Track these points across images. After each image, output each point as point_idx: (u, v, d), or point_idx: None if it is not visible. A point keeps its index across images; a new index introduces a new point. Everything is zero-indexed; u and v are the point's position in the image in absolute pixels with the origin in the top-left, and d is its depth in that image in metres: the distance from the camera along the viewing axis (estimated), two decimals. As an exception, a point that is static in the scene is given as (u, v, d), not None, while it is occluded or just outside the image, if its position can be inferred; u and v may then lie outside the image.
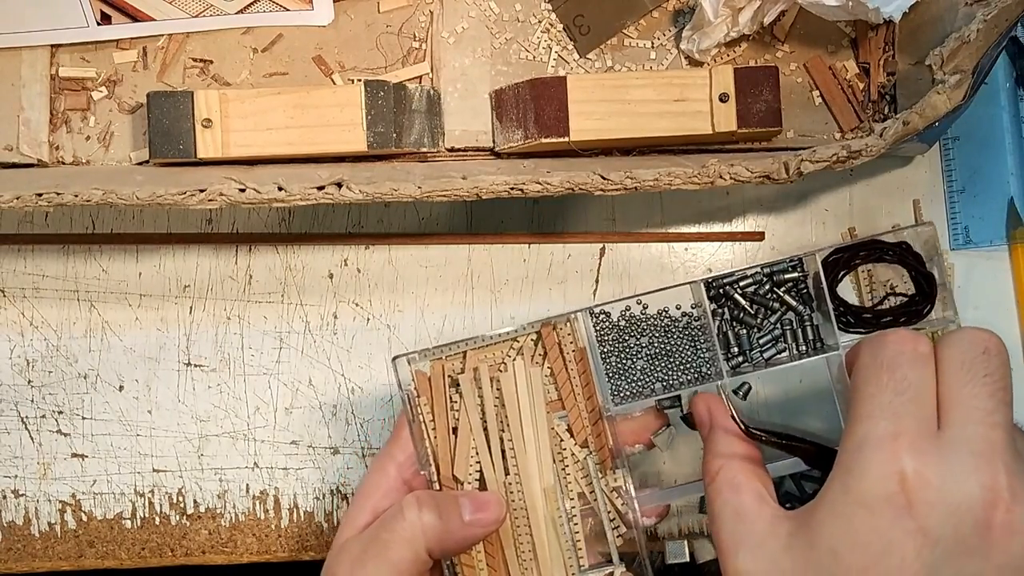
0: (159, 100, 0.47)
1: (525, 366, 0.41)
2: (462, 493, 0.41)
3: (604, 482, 0.41)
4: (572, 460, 0.41)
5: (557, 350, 0.41)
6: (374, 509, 0.41)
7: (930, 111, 0.42)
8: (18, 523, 0.51)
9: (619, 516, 0.42)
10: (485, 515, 0.40)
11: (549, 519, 0.41)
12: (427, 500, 0.40)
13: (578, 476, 0.41)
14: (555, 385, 0.41)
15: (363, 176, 0.44)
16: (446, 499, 0.40)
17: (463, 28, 0.51)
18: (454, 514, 0.40)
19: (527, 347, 0.42)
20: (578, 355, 0.41)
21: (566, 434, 0.41)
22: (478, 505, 0.40)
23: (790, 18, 0.51)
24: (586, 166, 0.45)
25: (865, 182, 0.53)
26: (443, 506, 0.40)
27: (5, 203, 0.41)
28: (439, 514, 0.40)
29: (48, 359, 0.51)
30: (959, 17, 0.46)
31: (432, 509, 0.40)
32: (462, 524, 0.40)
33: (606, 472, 0.41)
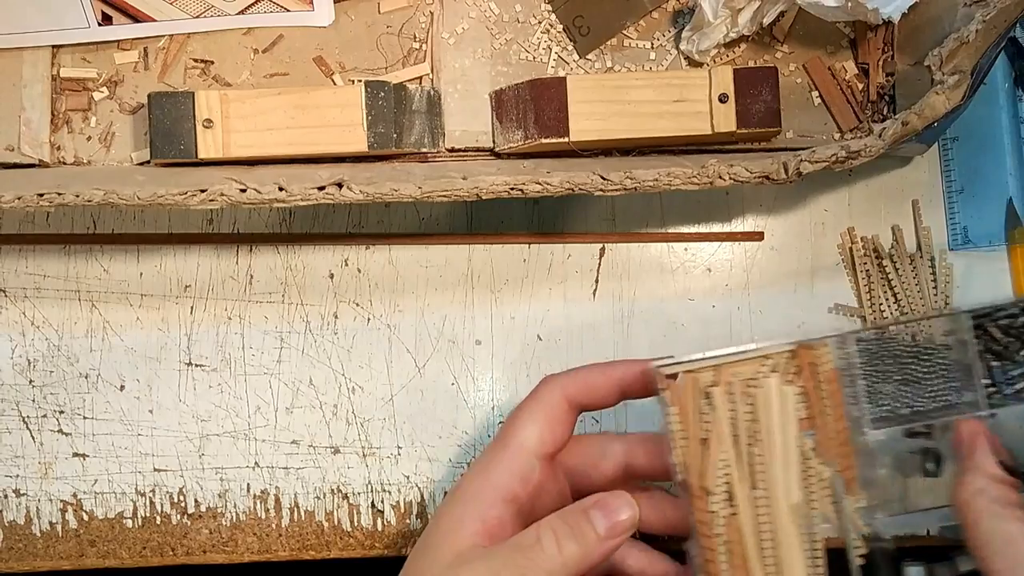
0: (160, 100, 0.47)
1: (779, 384, 0.41)
2: (591, 503, 0.39)
3: (849, 502, 0.41)
4: (818, 479, 0.41)
5: (811, 370, 0.41)
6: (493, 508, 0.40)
7: (929, 111, 0.42)
8: (19, 522, 0.51)
9: (863, 538, 0.41)
10: (619, 523, 0.39)
11: (795, 537, 0.41)
12: (561, 527, 0.38)
13: (823, 495, 0.41)
14: (805, 404, 0.41)
15: (363, 176, 0.44)
16: (578, 518, 0.39)
17: (463, 29, 0.51)
18: (590, 534, 0.39)
19: (780, 364, 0.41)
20: (830, 376, 0.41)
21: (812, 453, 0.41)
22: (609, 512, 0.39)
23: (789, 19, 0.51)
24: (586, 166, 0.45)
25: (864, 182, 0.53)
26: (577, 528, 0.38)
27: (6, 203, 0.42)
28: (576, 539, 0.38)
29: (49, 359, 0.51)
30: (958, 18, 0.46)
31: (569, 537, 0.38)
32: (599, 541, 0.38)
33: (852, 492, 0.41)
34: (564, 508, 0.40)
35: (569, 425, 0.42)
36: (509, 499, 0.40)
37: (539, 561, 0.38)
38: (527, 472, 0.40)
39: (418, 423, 0.52)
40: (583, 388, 0.41)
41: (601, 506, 0.39)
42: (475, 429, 0.52)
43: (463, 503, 0.40)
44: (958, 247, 0.53)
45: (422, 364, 0.52)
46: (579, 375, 0.42)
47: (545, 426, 0.41)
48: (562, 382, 0.41)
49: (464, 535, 0.39)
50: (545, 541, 0.38)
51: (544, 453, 0.41)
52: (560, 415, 0.41)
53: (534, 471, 0.40)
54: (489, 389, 0.52)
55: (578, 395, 0.41)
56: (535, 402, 0.41)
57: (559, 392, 0.41)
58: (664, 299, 0.52)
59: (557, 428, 0.41)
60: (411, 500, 0.51)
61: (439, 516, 0.40)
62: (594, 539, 0.38)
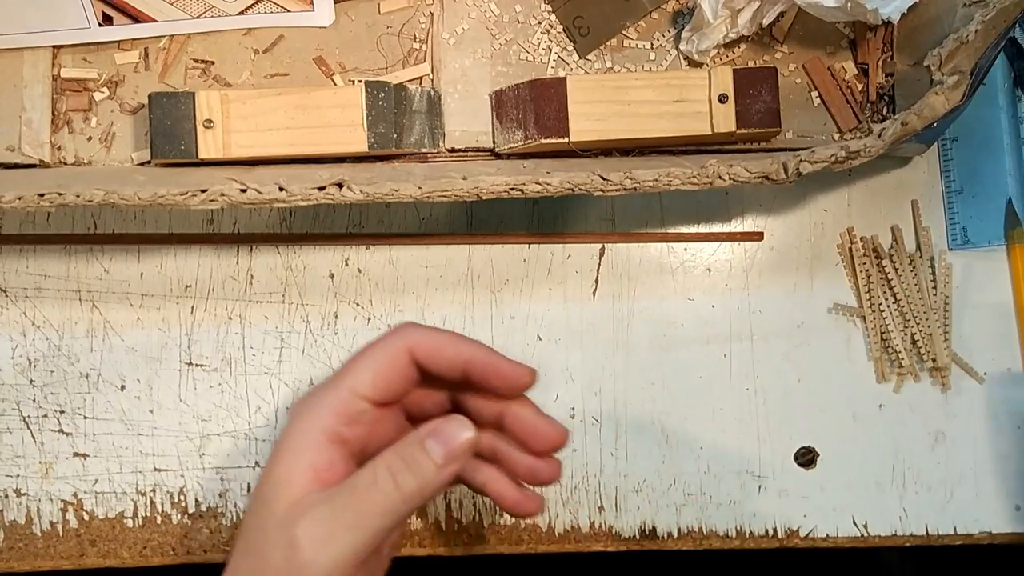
0: (160, 101, 0.47)
1: None
2: (426, 432, 0.38)
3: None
4: None
5: None
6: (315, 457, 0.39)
7: (928, 112, 0.42)
8: (20, 522, 0.51)
9: None
10: (456, 448, 0.38)
11: None
12: (396, 463, 0.38)
13: None
14: None
15: (364, 176, 0.44)
16: (412, 450, 0.38)
17: (463, 29, 0.51)
18: (427, 464, 0.38)
19: None
20: None
21: None
22: (444, 439, 0.38)
23: (789, 19, 0.51)
24: (586, 166, 0.45)
25: (864, 183, 0.53)
26: (413, 461, 0.38)
27: (7, 203, 0.42)
28: (413, 472, 0.37)
29: (50, 359, 0.51)
30: (957, 18, 0.46)
31: (405, 471, 0.37)
32: (437, 470, 0.38)
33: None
34: (398, 442, 0.39)
35: (409, 379, 0.41)
36: (337, 441, 0.39)
37: (377, 500, 0.37)
38: (354, 415, 0.39)
39: (418, 423, 0.52)
40: (430, 351, 0.40)
41: (436, 434, 0.38)
42: (475, 429, 0.52)
43: (292, 452, 0.38)
44: (957, 247, 0.53)
45: (422, 364, 0.52)
46: (432, 337, 0.40)
47: (380, 374, 0.40)
48: (413, 337, 0.40)
49: (297, 485, 0.38)
50: (381, 479, 0.37)
51: (375, 400, 0.40)
52: (401, 367, 0.40)
53: (364, 414, 0.39)
54: (489, 389, 0.52)
55: (423, 356, 0.40)
56: (379, 348, 0.40)
57: (404, 345, 0.40)
58: (664, 299, 0.52)
59: (395, 379, 0.40)
60: (411, 500, 0.51)
61: (270, 467, 0.39)
62: (432, 469, 0.38)
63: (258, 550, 0.37)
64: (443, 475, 0.38)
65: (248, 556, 0.38)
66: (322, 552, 0.36)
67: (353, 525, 0.37)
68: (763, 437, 0.52)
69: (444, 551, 0.51)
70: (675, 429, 0.52)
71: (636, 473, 0.52)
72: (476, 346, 0.41)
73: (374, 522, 0.37)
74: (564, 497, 0.52)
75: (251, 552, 0.38)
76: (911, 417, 0.52)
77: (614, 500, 0.52)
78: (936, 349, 0.52)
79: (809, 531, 0.52)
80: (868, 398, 0.52)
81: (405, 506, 0.38)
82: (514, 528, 0.51)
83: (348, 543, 0.36)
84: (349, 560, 0.36)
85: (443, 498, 0.51)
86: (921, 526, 0.52)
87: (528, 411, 0.42)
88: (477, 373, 0.40)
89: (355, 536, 0.37)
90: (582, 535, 0.52)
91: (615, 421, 0.52)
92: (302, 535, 0.36)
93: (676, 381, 0.52)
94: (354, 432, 0.39)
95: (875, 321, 0.52)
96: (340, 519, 0.37)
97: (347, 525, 0.37)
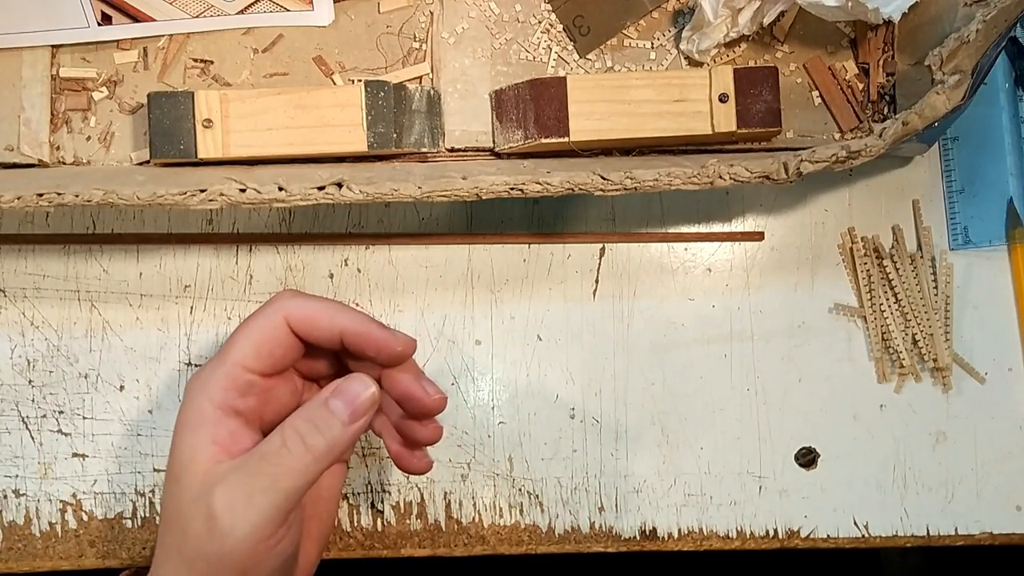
0: (160, 100, 0.47)
1: None
2: (328, 392, 0.40)
3: None
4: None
5: None
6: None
7: (929, 111, 0.42)
8: (19, 523, 0.51)
9: None
10: (360, 405, 0.39)
11: None
12: (303, 425, 0.39)
13: None
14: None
15: (363, 176, 0.44)
16: (318, 411, 0.39)
17: (463, 28, 0.51)
18: (333, 424, 0.39)
19: None
20: None
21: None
22: (348, 398, 0.39)
23: (789, 19, 0.51)
24: (586, 166, 0.45)
25: (864, 182, 0.53)
26: (320, 422, 0.39)
27: (6, 203, 0.42)
28: (321, 432, 0.39)
29: (49, 359, 0.51)
30: (958, 17, 0.46)
31: (313, 432, 0.39)
32: (344, 427, 0.39)
33: None
34: (303, 405, 0.40)
35: (291, 348, 0.41)
36: (232, 414, 0.40)
37: (289, 463, 0.38)
38: (243, 387, 0.40)
39: (418, 423, 0.51)
40: (304, 322, 0.41)
41: (339, 393, 0.39)
42: (475, 429, 0.52)
43: (191, 429, 0.39)
44: (958, 247, 0.53)
45: (422, 364, 0.52)
46: (307, 308, 0.41)
47: (262, 347, 0.40)
48: (288, 308, 0.41)
49: (202, 459, 0.39)
50: (291, 443, 0.39)
51: (260, 371, 0.40)
52: (281, 339, 0.41)
53: (253, 386, 0.40)
54: (489, 389, 0.52)
55: (298, 327, 0.41)
56: (257, 321, 0.41)
57: (281, 317, 0.41)
58: (664, 299, 0.52)
59: (276, 351, 0.41)
60: (411, 500, 0.51)
61: (174, 447, 0.40)
62: (339, 427, 0.39)
63: (179, 525, 0.38)
64: (350, 432, 0.39)
65: (171, 532, 0.39)
66: (241, 517, 0.37)
67: (268, 488, 0.38)
68: (764, 437, 0.52)
69: (444, 551, 0.51)
70: (675, 429, 0.52)
71: (636, 474, 0.52)
72: (351, 315, 0.41)
73: (287, 483, 0.38)
74: (564, 498, 0.51)
75: (172, 528, 0.39)
76: (912, 417, 0.52)
77: (614, 501, 0.52)
78: (937, 349, 0.52)
79: (810, 532, 0.52)
80: (869, 398, 0.52)
81: (317, 465, 0.39)
82: (514, 528, 0.51)
83: (264, 506, 0.38)
84: (267, 522, 0.38)
85: (443, 498, 0.51)
86: (922, 527, 0.52)
87: (406, 377, 0.42)
88: (351, 342, 0.41)
89: (270, 499, 0.38)
90: (582, 536, 0.51)
91: (615, 421, 0.52)
92: (218, 504, 0.37)
93: (676, 381, 0.52)
94: (247, 403, 0.40)
95: (876, 321, 0.52)
96: (254, 484, 0.38)
97: (261, 489, 0.38)
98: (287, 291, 0.42)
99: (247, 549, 0.38)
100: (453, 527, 0.51)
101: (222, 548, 0.37)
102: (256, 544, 0.38)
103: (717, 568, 0.76)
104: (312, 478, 0.39)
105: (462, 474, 0.51)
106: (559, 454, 0.52)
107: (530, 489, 0.51)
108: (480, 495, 0.51)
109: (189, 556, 0.38)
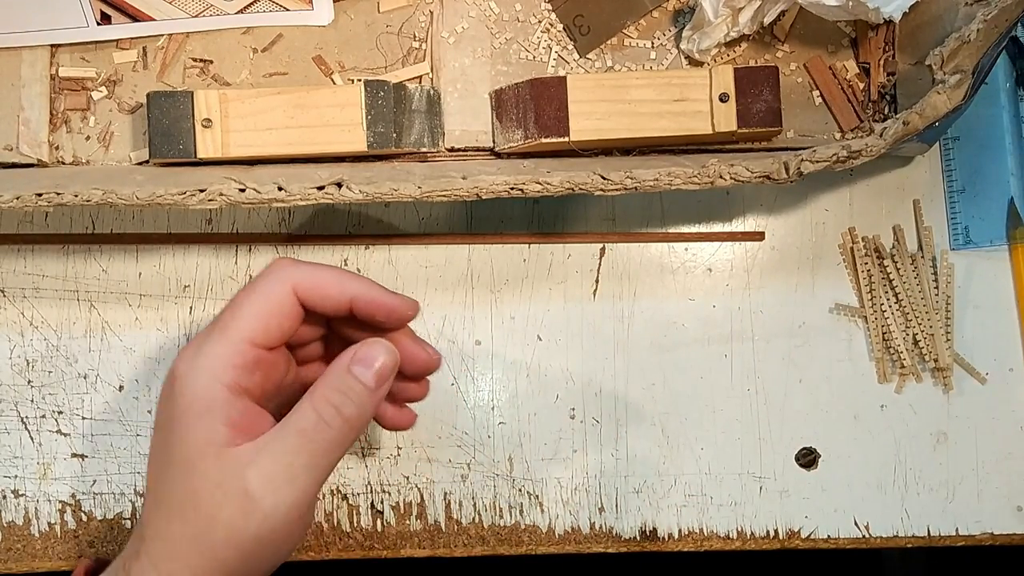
0: (159, 100, 0.47)
1: None
2: (349, 360, 0.39)
3: None
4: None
5: None
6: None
7: (930, 111, 0.42)
8: (18, 523, 0.51)
9: None
10: (383, 368, 0.39)
11: None
12: (334, 396, 0.38)
13: None
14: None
15: (363, 176, 0.44)
16: (344, 379, 0.39)
17: (463, 28, 0.51)
18: (361, 390, 0.39)
19: None
20: None
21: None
22: (370, 362, 0.39)
23: (790, 18, 0.51)
24: (586, 166, 0.45)
25: (865, 182, 0.53)
26: (349, 390, 0.39)
27: (5, 203, 0.41)
28: (352, 400, 0.39)
29: (48, 359, 0.51)
30: (959, 17, 0.46)
31: (345, 401, 0.38)
32: (371, 393, 0.39)
33: None
34: (324, 377, 0.39)
35: (297, 319, 0.41)
36: (241, 393, 0.39)
37: (329, 436, 0.38)
38: (252, 364, 0.39)
39: (418, 423, 0.51)
40: (313, 291, 0.40)
41: (360, 360, 0.39)
42: (475, 429, 0.51)
43: (200, 413, 0.38)
44: (959, 247, 0.53)
45: (422, 364, 0.51)
46: (315, 276, 0.40)
47: (272, 320, 0.39)
48: (294, 277, 0.40)
49: (219, 443, 0.37)
50: (327, 416, 0.38)
51: (269, 346, 0.40)
52: (288, 310, 0.40)
53: (260, 362, 0.40)
54: (489, 389, 0.52)
55: (307, 296, 0.40)
56: (263, 293, 0.40)
57: (288, 287, 0.40)
58: (664, 299, 0.52)
59: (284, 323, 0.40)
60: (411, 501, 0.51)
61: (178, 432, 0.38)
62: (367, 393, 0.39)
63: (200, 512, 0.37)
64: (376, 397, 0.40)
65: (183, 522, 0.37)
66: (285, 496, 0.37)
67: (311, 464, 0.38)
68: (764, 438, 0.52)
69: (444, 552, 0.51)
70: (675, 430, 0.52)
71: (636, 474, 0.52)
72: (359, 282, 0.41)
73: (329, 457, 0.38)
74: (564, 498, 0.51)
75: (186, 518, 0.37)
76: (913, 417, 0.52)
77: (614, 501, 0.52)
78: (938, 349, 0.51)
79: (810, 532, 0.52)
80: (870, 398, 0.52)
81: (354, 435, 0.39)
82: (514, 529, 0.51)
83: (308, 483, 0.38)
84: (309, 498, 0.38)
85: (443, 499, 0.51)
86: (923, 527, 0.52)
87: (406, 339, 0.43)
88: (362, 309, 0.41)
89: (313, 475, 0.38)
90: (582, 536, 0.51)
91: (615, 421, 0.52)
92: (255, 486, 0.37)
93: (676, 381, 0.52)
94: (254, 380, 0.39)
95: (877, 321, 0.52)
96: (297, 462, 0.37)
97: (305, 465, 0.38)
98: (285, 260, 0.41)
99: (289, 527, 0.38)
100: (453, 527, 0.51)
101: (261, 529, 0.37)
102: (298, 520, 0.38)
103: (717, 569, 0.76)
104: (347, 449, 0.39)
105: (462, 474, 0.51)
106: (559, 454, 0.52)
107: (530, 489, 0.51)
108: (480, 495, 0.51)
109: (216, 543, 0.37)
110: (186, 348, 0.39)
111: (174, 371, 0.39)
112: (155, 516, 0.38)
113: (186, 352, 0.39)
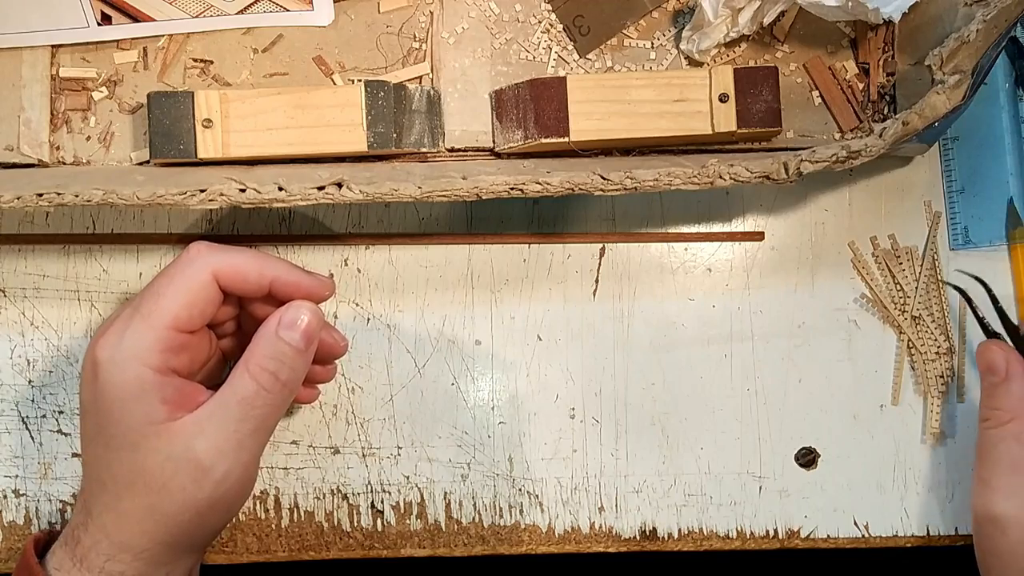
0: (159, 100, 0.47)
1: None
2: (275, 324, 0.41)
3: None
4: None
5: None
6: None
7: (930, 111, 0.42)
8: (19, 523, 0.51)
9: None
10: (309, 327, 0.41)
11: None
12: (268, 362, 0.41)
13: None
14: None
15: (363, 176, 0.44)
16: (274, 345, 0.41)
17: (463, 28, 0.51)
18: (291, 353, 0.41)
19: None
20: None
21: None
22: (295, 324, 0.41)
23: (790, 18, 0.51)
24: (586, 166, 0.45)
25: (865, 182, 0.53)
26: (281, 354, 0.41)
27: (6, 203, 0.41)
28: (285, 363, 0.41)
29: (49, 359, 0.51)
30: (958, 17, 0.46)
31: (280, 366, 0.41)
32: (301, 353, 0.41)
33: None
34: (255, 344, 0.41)
35: (217, 302, 0.42)
36: (170, 374, 0.40)
37: (269, 401, 0.41)
38: (177, 348, 0.41)
39: (418, 423, 0.51)
40: (234, 275, 0.42)
41: (286, 324, 0.41)
42: (475, 429, 0.52)
43: (134, 398, 0.39)
44: (959, 247, 0.53)
45: (422, 364, 0.52)
46: (234, 260, 0.42)
47: (194, 306, 0.41)
48: (213, 263, 0.41)
49: (159, 420, 0.39)
50: (264, 382, 0.40)
51: (192, 329, 0.41)
52: (210, 295, 0.42)
53: (185, 346, 0.41)
54: (489, 389, 0.52)
55: (227, 280, 0.42)
56: (184, 280, 0.41)
57: (209, 273, 0.41)
58: (664, 299, 0.52)
59: (206, 307, 0.42)
60: (411, 500, 0.51)
61: (115, 415, 0.39)
62: (298, 355, 0.41)
63: (150, 486, 0.39)
64: (307, 356, 0.42)
65: (134, 495, 0.39)
66: (234, 461, 0.40)
67: (255, 429, 0.40)
68: (764, 437, 0.52)
69: (444, 551, 0.51)
70: (675, 429, 0.52)
71: (636, 474, 0.52)
72: (276, 264, 0.43)
73: (271, 420, 0.41)
74: (564, 498, 0.51)
75: (137, 492, 0.39)
76: (912, 417, 0.52)
77: (614, 501, 0.52)
78: (938, 349, 0.51)
79: (810, 532, 0.52)
80: (869, 398, 0.52)
81: (291, 396, 0.42)
82: (514, 529, 0.51)
83: (254, 447, 0.41)
84: (256, 459, 0.41)
85: (443, 499, 0.51)
86: (922, 527, 0.52)
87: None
88: (280, 291, 0.43)
89: (258, 439, 0.41)
90: (582, 536, 0.51)
91: (615, 421, 0.52)
92: (205, 455, 0.39)
93: (676, 381, 0.52)
94: (180, 360, 0.41)
95: (877, 321, 0.52)
96: (242, 428, 0.40)
97: (250, 431, 0.40)
98: (202, 244, 0.42)
99: (240, 486, 0.41)
100: (453, 527, 0.51)
101: (215, 494, 0.39)
102: (248, 481, 0.41)
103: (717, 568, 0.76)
104: (285, 410, 0.41)
105: (462, 474, 0.51)
106: (559, 454, 0.52)
107: (530, 489, 0.51)
108: (480, 495, 0.51)
109: (172, 511, 0.39)
110: (105, 335, 0.40)
111: (95, 358, 0.40)
112: (101, 495, 0.40)
113: (107, 340, 0.40)
